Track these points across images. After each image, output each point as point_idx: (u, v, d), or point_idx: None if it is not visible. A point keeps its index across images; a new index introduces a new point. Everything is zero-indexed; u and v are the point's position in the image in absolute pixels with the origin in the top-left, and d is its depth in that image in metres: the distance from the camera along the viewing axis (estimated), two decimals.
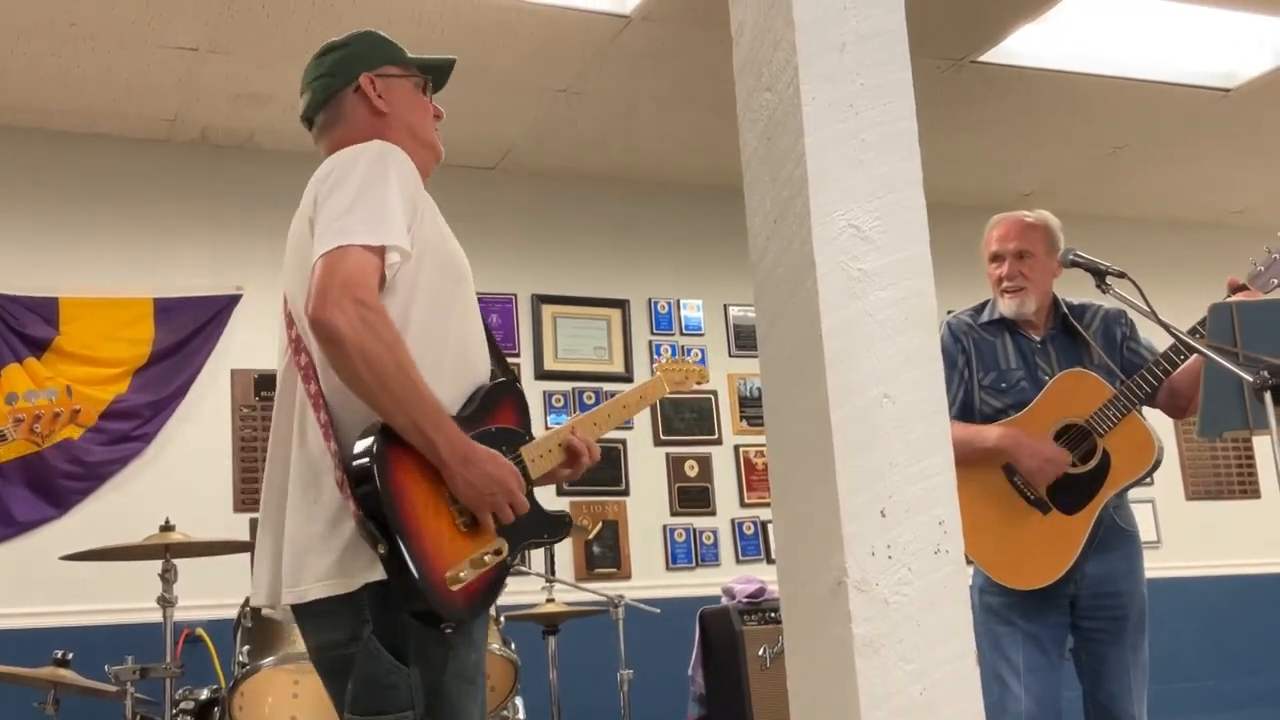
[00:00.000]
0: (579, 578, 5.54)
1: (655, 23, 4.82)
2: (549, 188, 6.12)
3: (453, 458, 1.99)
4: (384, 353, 1.93)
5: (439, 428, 1.98)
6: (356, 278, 1.95)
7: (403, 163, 2.13)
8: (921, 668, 1.54)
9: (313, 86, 2.34)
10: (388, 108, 2.29)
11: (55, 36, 4.61)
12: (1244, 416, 2.88)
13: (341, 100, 2.30)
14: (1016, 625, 3.20)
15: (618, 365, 6.06)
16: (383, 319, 1.95)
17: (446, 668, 2.00)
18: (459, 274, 2.18)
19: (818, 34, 1.67)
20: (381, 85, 2.30)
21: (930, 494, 1.60)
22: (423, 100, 2.37)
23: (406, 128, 2.29)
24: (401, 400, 1.95)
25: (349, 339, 1.92)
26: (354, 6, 4.54)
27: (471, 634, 2.05)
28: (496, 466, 2.04)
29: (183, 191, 5.48)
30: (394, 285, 2.04)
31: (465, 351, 2.16)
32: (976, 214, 3.80)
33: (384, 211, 2.02)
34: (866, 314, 1.62)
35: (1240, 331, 2.90)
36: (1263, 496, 7.04)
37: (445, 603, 1.96)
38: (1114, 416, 3.15)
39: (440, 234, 2.17)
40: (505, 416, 2.18)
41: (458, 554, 2.00)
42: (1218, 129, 6.12)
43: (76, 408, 3.05)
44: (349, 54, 2.33)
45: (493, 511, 2.04)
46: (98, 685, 3.75)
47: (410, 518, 1.96)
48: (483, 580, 2.03)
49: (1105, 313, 3.39)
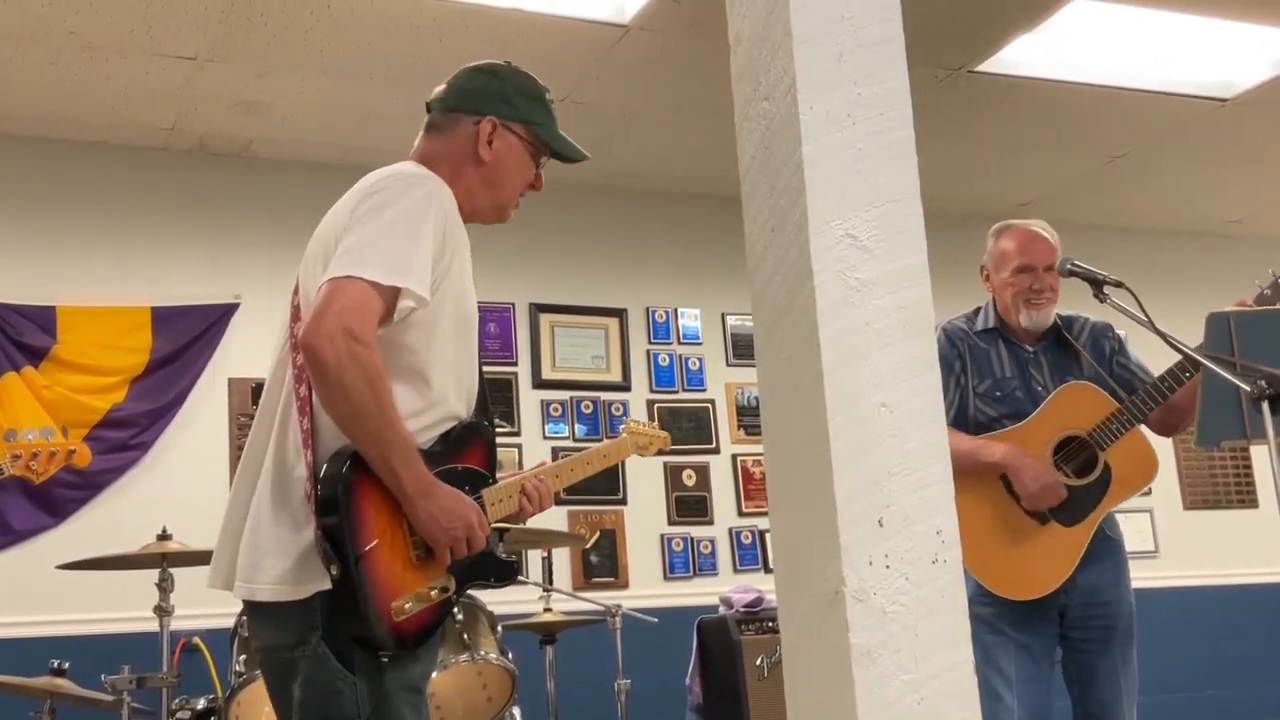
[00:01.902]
0: (576, 587, 5.53)
1: (653, 32, 4.82)
2: (547, 196, 6.04)
3: (416, 492, 2.04)
4: (365, 388, 1.97)
5: (407, 464, 2.03)
6: (354, 310, 1.97)
7: (447, 205, 2.15)
8: (919, 677, 1.53)
9: (451, 89, 2.36)
10: (490, 157, 2.31)
11: (54, 45, 4.61)
12: (1242, 426, 2.88)
13: (460, 120, 2.31)
14: (1008, 635, 3.19)
15: (615, 374, 6.06)
16: (370, 355, 1.98)
17: (388, 677, 2.05)
18: (469, 322, 2.22)
19: (815, 43, 1.68)
20: (500, 138, 2.31)
21: (928, 503, 1.60)
22: (528, 169, 2.38)
23: (495, 185, 2.33)
24: (374, 435, 2.00)
25: (332, 369, 1.96)
26: (353, 16, 4.55)
27: (415, 651, 2.09)
28: (458, 502, 2.10)
29: (181, 200, 5.48)
30: (410, 324, 2.08)
31: (458, 394, 2.20)
32: (974, 223, 3.81)
33: (409, 255, 2.04)
34: (864, 323, 1.62)
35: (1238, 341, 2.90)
36: (1260, 506, 7.03)
37: (388, 631, 2.02)
38: (1117, 430, 3.15)
39: (463, 283, 2.20)
40: (473, 457, 2.23)
41: (406, 585, 2.06)
42: (1215, 139, 6.13)
43: (71, 448, 3.11)
44: (497, 89, 2.35)
45: (451, 545, 2.09)
46: (94, 695, 3.74)
47: (367, 545, 2.02)
48: (427, 614, 2.09)
49: (1093, 325, 3.41)
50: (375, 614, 2.00)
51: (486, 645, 3.78)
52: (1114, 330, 3.41)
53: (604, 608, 4.45)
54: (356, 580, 1.99)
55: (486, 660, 3.73)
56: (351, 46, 4.76)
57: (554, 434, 5.84)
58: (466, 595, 3.91)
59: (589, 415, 5.93)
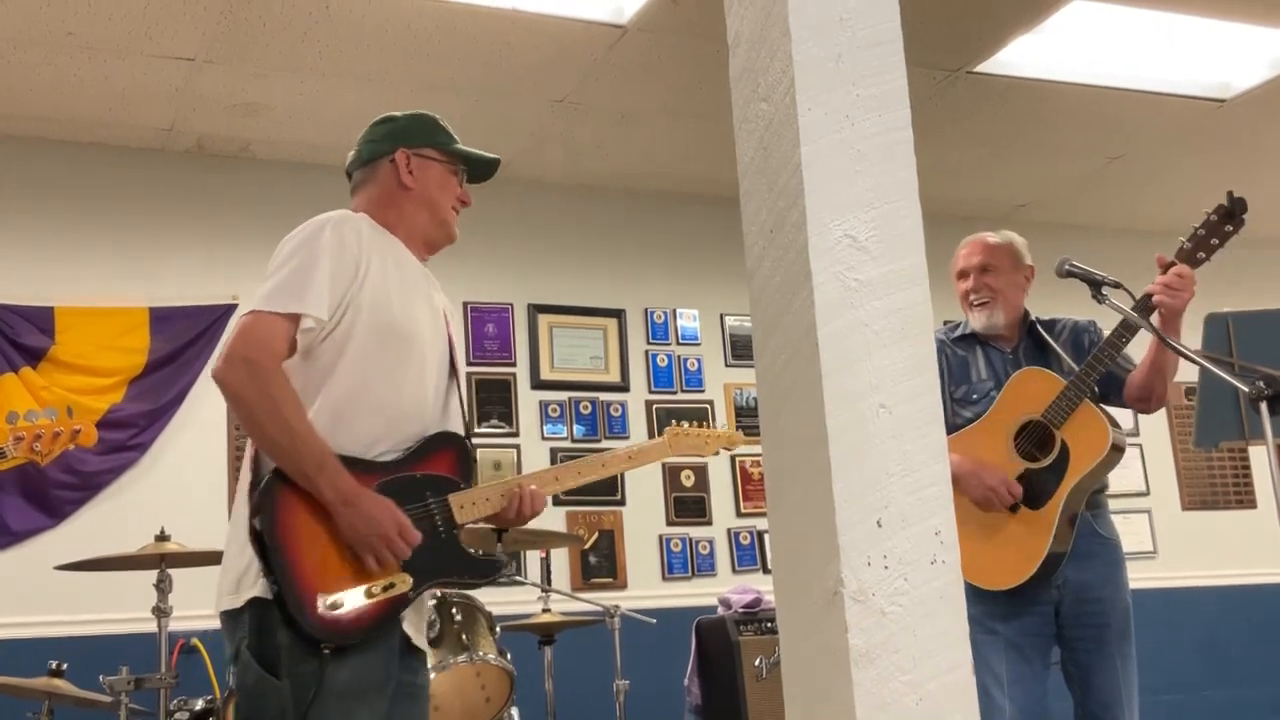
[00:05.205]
0: (575, 588, 5.53)
1: (652, 33, 4.82)
2: (546, 198, 6.12)
3: (335, 501, 2.20)
4: (267, 408, 2.20)
5: (322, 472, 2.20)
6: (252, 340, 2.23)
7: (346, 235, 2.35)
8: (918, 678, 1.53)
9: (359, 147, 2.59)
10: (414, 184, 2.53)
11: (52, 45, 4.61)
12: (1240, 427, 2.89)
13: (378, 166, 2.55)
14: (998, 634, 3.21)
15: (614, 375, 6.06)
16: (272, 378, 2.21)
17: (317, 684, 2.14)
18: (398, 334, 2.37)
19: (814, 44, 1.68)
20: (416, 163, 2.53)
21: (926, 504, 1.60)
22: (451, 185, 2.59)
23: (427, 205, 2.54)
24: (284, 451, 2.20)
25: (236, 396, 2.22)
26: (352, 18, 4.55)
27: (347, 656, 2.18)
28: (379, 511, 2.23)
29: (178, 201, 5.48)
30: (324, 343, 2.29)
31: (400, 405, 2.35)
32: (972, 224, 3.82)
33: (304, 284, 2.27)
34: (862, 324, 1.62)
35: (1235, 341, 2.91)
36: (1258, 507, 7.03)
37: (317, 626, 2.15)
38: (1067, 407, 3.19)
39: (386, 299, 2.36)
40: (439, 465, 2.39)
41: (342, 583, 2.20)
42: (1213, 139, 6.13)
43: (77, 428, 3.08)
44: (397, 128, 2.57)
45: (373, 553, 2.22)
46: (93, 696, 3.74)
47: (291, 548, 2.18)
48: (374, 609, 2.21)
49: (1074, 324, 3.48)
50: (302, 610, 2.13)
51: (485, 646, 3.78)
52: (1096, 326, 3.46)
53: (602, 608, 4.45)
54: (282, 580, 2.14)
55: (485, 661, 3.73)
56: (350, 48, 4.76)
57: (552, 434, 5.83)
58: (464, 596, 3.91)
59: (587, 416, 5.93)
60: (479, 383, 5.79)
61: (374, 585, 2.22)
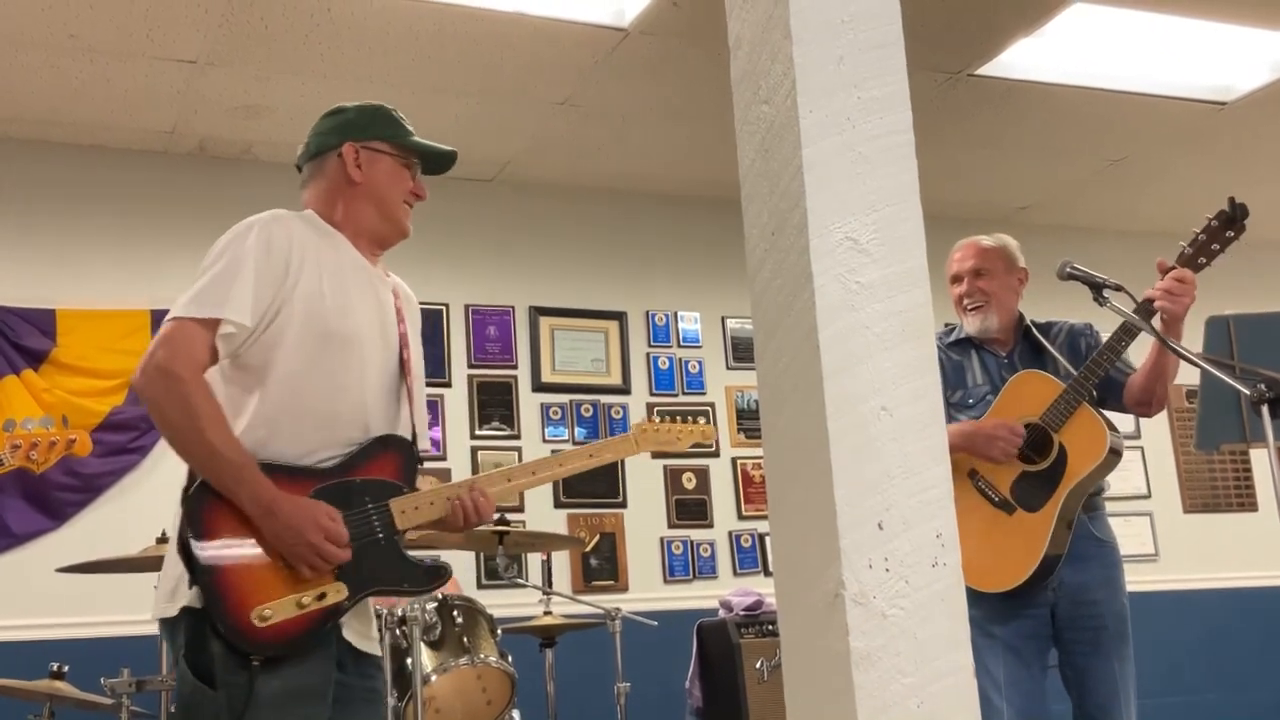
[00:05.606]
0: (576, 590, 5.53)
1: (653, 36, 4.83)
2: (547, 200, 6.12)
3: (256, 509, 2.15)
4: (182, 419, 2.15)
5: (241, 482, 2.14)
6: (169, 349, 2.18)
7: (274, 236, 2.29)
8: (919, 681, 1.53)
9: (308, 141, 2.51)
10: (361, 178, 2.44)
11: (54, 48, 4.61)
12: (1241, 429, 2.89)
13: (326, 160, 2.47)
14: (996, 637, 3.20)
15: (615, 377, 6.06)
16: (190, 389, 2.15)
17: (257, 693, 2.09)
18: (333, 336, 2.29)
19: (815, 47, 1.68)
20: (364, 157, 2.45)
21: (928, 507, 1.60)
22: (403, 178, 2.49)
23: (375, 200, 2.45)
24: (201, 461, 2.16)
25: (151, 405, 2.18)
26: (353, 20, 4.55)
27: (280, 666, 2.13)
28: (301, 520, 2.16)
29: (180, 203, 5.48)
30: (254, 348, 2.24)
31: (335, 409, 2.28)
32: (974, 227, 3.82)
33: (225, 288, 2.22)
34: (864, 326, 1.62)
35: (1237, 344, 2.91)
36: (1260, 509, 7.03)
37: (246, 637, 2.10)
38: (1065, 411, 3.20)
39: (320, 300, 2.29)
40: (381, 469, 2.31)
41: (272, 593, 2.14)
42: (1214, 142, 6.13)
43: (72, 438, 3.09)
44: (345, 120, 2.49)
45: (302, 561, 2.16)
46: (94, 698, 3.74)
47: (217, 557, 2.13)
48: (304, 620, 2.15)
49: (1071, 327, 3.48)
50: (228, 621, 2.09)
51: (486, 648, 3.78)
52: (1092, 328, 3.46)
53: (604, 611, 4.45)
54: (208, 591, 2.10)
55: (486, 663, 3.73)
56: (352, 50, 4.77)
57: (554, 437, 5.83)
58: (465, 599, 3.92)
59: (589, 418, 5.93)
60: (480, 385, 5.79)
61: (305, 595, 2.15)
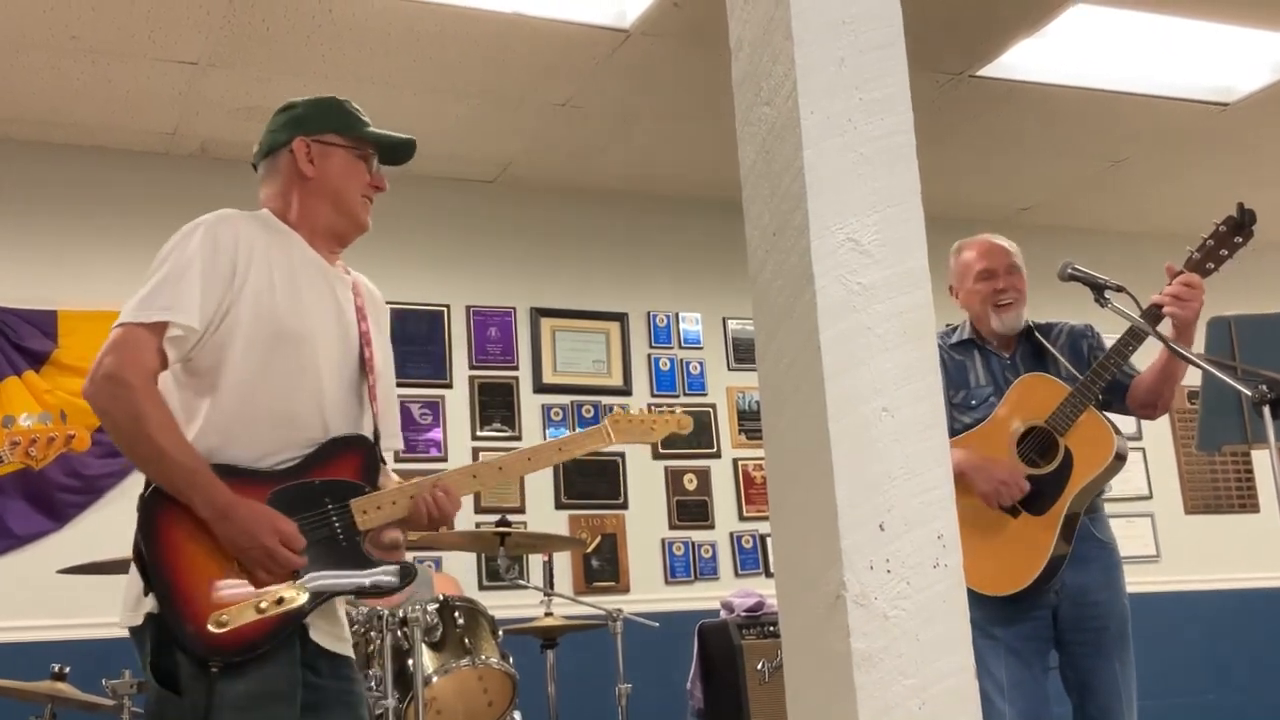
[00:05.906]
0: (577, 591, 5.53)
1: (654, 37, 4.83)
2: (548, 201, 6.12)
3: (210, 514, 2.12)
4: (130, 425, 2.13)
5: (194, 487, 2.12)
6: (116, 356, 2.15)
7: (221, 237, 2.27)
8: (920, 682, 1.53)
9: (263, 139, 2.48)
10: (314, 173, 2.40)
11: (55, 49, 4.62)
12: (1243, 430, 2.89)
13: (279, 157, 2.43)
14: (998, 639, 3.20)
15: (616, 379, 6.06)
16: (139, 395, 2.12)
17: (217, 695, 2.07)
18: (285, 335, 2.26)
19: (817, 48, 1.68)
20: (317, 151, 2.41)
21: (929, 508, 1.59)
22: (359, 171, 2.44)
23: (330, 195, 2.40)
24: (152, 466, 2.14)
25: (101, 412, 2.15)
26: (355, 21, 4.55)
27: (242, 670, 2.10)
28: (255, 524, 2.13)
29: (182, 205, 5.40)
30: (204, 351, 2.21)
31: (291, 409, 2.25)
32: (975, 228, 3.81)
33: (172, 291, 2.20)
34: (865, 327, 1.62)
35: (1238, 345, 2.90)
36: (1261, 511, 7.02)
37: (201, 644, 2.06)
38: (1071, 414, 3.19)
39: (270, 300, 2.26)
40: (341, 469, 2.28)
41: (229, 599, 2.11)
42: (1216, 143, 6.12)
43: (71, 433, 3.09)
44: (296, 115, 2.46)
45: (259, 565, 2.13)
46: (95, 699, 3.74)
47: (172, 564, 2.10)
48: (262, 626, 2.11)
49: (1071, 328, 3.48)
50: (183, 628, 2.07)
51: (487, 650, 3.78)
52: (1093, 330, 3.47)
53: (605, 612, 4.44)
54: (163, 597, 2.08)
55: (487, 665, 3.73)
56: (353, 51, 4.77)
57: (555, 438, 5.83)
58: (466, 600, 3.91)
59: (590, 419, 5.92)
60: (481, 386, 5.79)
61: (263, 600, 2.12)
